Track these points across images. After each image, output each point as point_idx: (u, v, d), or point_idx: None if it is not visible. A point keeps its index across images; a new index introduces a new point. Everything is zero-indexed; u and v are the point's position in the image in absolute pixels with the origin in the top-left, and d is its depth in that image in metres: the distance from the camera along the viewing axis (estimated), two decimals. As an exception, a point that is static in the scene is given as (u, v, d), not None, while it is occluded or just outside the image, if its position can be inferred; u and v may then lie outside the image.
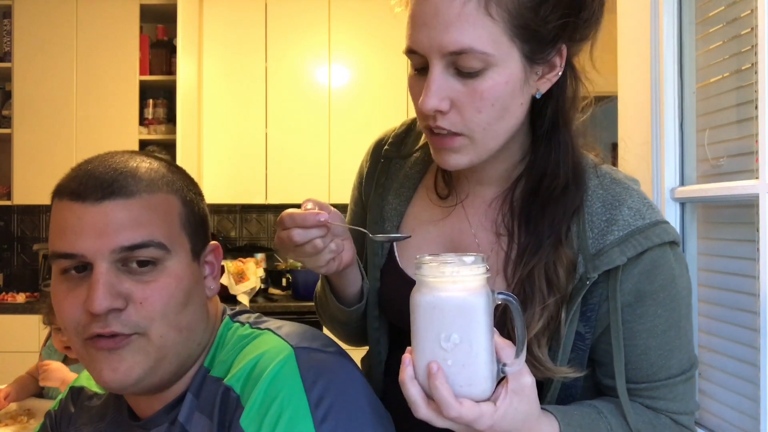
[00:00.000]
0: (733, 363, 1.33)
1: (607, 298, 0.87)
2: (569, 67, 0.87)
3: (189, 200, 0.86)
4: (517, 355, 0.72)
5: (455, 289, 0.69)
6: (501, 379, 0.73)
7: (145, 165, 0.83)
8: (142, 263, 0.78)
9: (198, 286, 0.84)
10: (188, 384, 0.85)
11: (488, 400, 0.71)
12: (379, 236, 0.93)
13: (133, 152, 0.86)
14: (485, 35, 0.77)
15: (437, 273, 0.70)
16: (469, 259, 0.70)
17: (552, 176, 0.89)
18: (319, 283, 1.10)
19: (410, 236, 0.92)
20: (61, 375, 1.94)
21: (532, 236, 0.89)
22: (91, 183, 0.78)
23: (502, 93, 0.81)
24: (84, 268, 0.77)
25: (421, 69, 0.82)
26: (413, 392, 0.71)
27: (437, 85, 0.79)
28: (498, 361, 0.72)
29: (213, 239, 0.91)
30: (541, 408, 0.79)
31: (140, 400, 0.87)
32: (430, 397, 0.71)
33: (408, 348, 0.74)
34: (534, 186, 0.91)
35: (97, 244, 0.76)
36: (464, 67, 0.78)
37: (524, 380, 0.73)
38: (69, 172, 0.82)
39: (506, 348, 0.73)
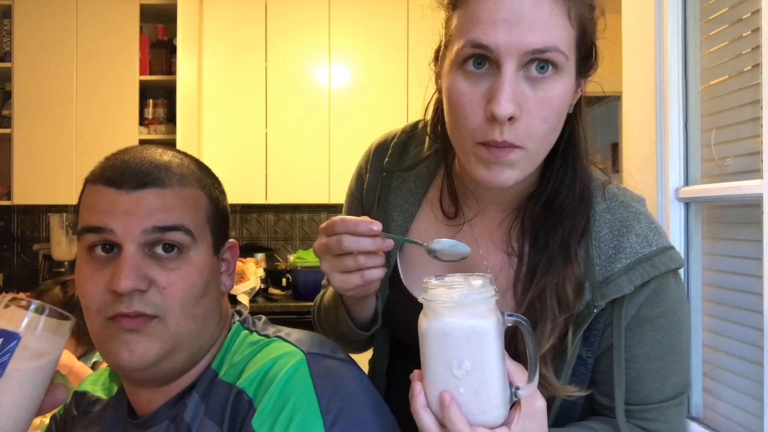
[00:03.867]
0: (738, 362, 1.33)
1: (610, 323, 0.87)
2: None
3: (214, 197, 0.89)
4: (530, 378, 0.71)
5: (464, 315, 0.68)
6: (513, 403, 0.72)
7: (176, 160, 0.86)
8: (168, 249, 0.80)
9: (215, 280, 0.87)
10: (193, 381, 0.86)
11: (503, 425, 0.70)
12: (437, 244, 0.86)
13: (166, 147, 0.89)
14: (566, 38, 0.77)
15: (445, 299, 0.68)
16: (477, 282, 0.69)
17: (567, 193, 0.88)
18: (326, 299, 1.07)
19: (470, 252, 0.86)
20: (68, 362, 1.90)
21: (543, 253, 0.88)
22: (128, 173, 0.81)
23: (563, 103, 0.80)
24: (111, 248, 0.80)
25: (478, 73, 0.78)
26: (427, 421, 0.70)
27: (513, 89, 0.76)
28: (510, 384, 0.71)
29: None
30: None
31: (142, 394, 0.87)
32: (443, 424, 0.70)
33: (416, 372, 0.73)
34: (547, 202, 0.90)
35: (127, 223, 0.78)
36: (539, 69, 0.76)
37: (537, 404, 0.74)
38: (104, 161, 0.85)
39: (518, 372, 0.72)
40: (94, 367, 2.02)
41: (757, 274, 1.25)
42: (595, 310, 0.85)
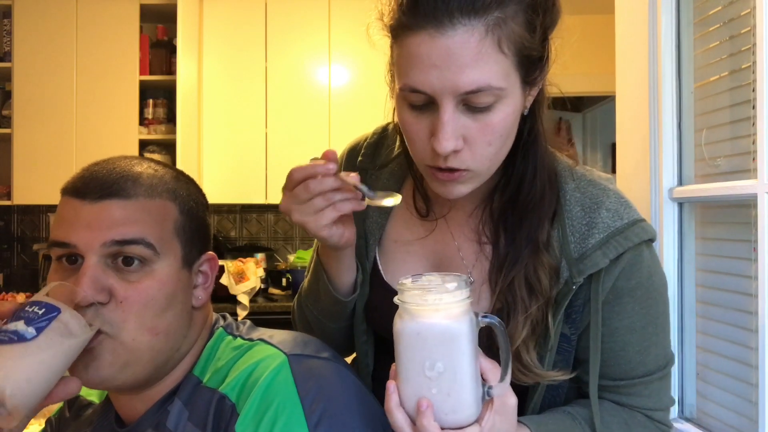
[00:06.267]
0: (730, 364, 1.33)
1: (590, 299, 0.89)
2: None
3: (189, 209, 0.87)
4: (502, 378, 0.73)
5: (438, 317, 0.69)
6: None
7: (149, 172, 0.85)
8: (130, 261, 0.80)
9: (183, 294, 0.85)
10: (172, 388, 0.86)
11: (474, 422, 0.71)
12: (375, 200, 0.87)
13: (143, 158, 0.88)
14: (500, 71, 0.77)
15: (420, 301, 0.69)
16: (451, 285, 0.70)
17: (530, 185, 0.90)
18: (306, 281, 1.08)
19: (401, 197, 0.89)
20: None
21: (510, 247, 0.90)
22: (93, 183, 0.81)
23: (510, 123, 0.81)
24: (76, 260, 0.80)
25: (422, 106, 0.80)
26: (400, 420, 0.72)
27: (452, 126, 0.77)
28: (484, 383, 0.73)
29: (213, 240, 0.92)
30: (518, 420, 0.80)
31: (123, 401, 0.88)
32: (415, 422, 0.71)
33: (392, 369, 0.75)
34: (512, 196, 0.91)
35: (88, 237, 0.78)
36: (477, 104, 0.77)
37: (509, 401, 0.75)
38: (77, 172, 0.85)
39: (492, 370, 0.74)
40: None
41: (750, 275, 1.24)
42: (573, 287, 0.87)
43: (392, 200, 0.85)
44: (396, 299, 0.72)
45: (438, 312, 0.69)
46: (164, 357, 0.83)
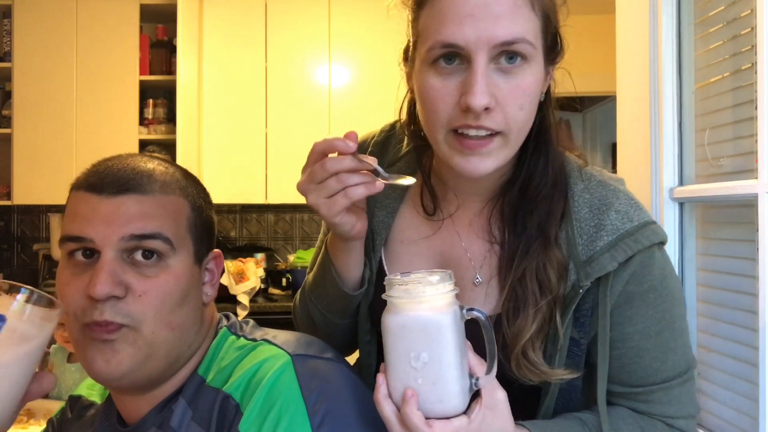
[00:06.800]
0: (732, 363, 1.33)
1: (599, 303, 0.87)
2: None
3: (198, 206, 0.88)
4: (488, 370, 0.74)
5: (421, 309, 0.71)
6: (477, 393, 0.75)
7: (161, 168, 0.86)
8: (147, 256, 0.80)
9: (195, 290, 0.86)
10: (177, 387, 0.86)
11: (462, 414, 0.73)
12: (391, 180, 0.86)
13: (152, 156, 0.89)
14: (531, 28, 0.79)
15: (403, 294, 0.72)
16: (434, 278, 0.72)
17: (540, 178, 0.89)
18: (311, 275, 1.07)
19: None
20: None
21: (521, 238, 0.89)
22: (109, 178, 0.81)
23: (536, 90, 0.82)
24: (91, 254, 0.80)
25: (449, 70, 0.80)
26: (387, 411, 0.73)
27: (485, 80, 0.77)
28: (471, 375, 0.74)
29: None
30: (518, 423, 0.80)
31: (128, 401, 0.88)
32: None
33: (382, 365, 0.76)
34: (522, 189, 0.91)
35: (106, 231, 0.78)
36: (509, 60, 0.78)
37: (497, 395, 0.75)
38: (89, 168, 0.85)
39: (479, 365, 0.75)
40: None
41: (752, 275, 1.24)
42: (581, 290, 0.85)
43: (408, 180, 0.85)
44: (384, 295, 0.74)
45: (421, 304, 0.71)
46: (177, 353, 0.84)
